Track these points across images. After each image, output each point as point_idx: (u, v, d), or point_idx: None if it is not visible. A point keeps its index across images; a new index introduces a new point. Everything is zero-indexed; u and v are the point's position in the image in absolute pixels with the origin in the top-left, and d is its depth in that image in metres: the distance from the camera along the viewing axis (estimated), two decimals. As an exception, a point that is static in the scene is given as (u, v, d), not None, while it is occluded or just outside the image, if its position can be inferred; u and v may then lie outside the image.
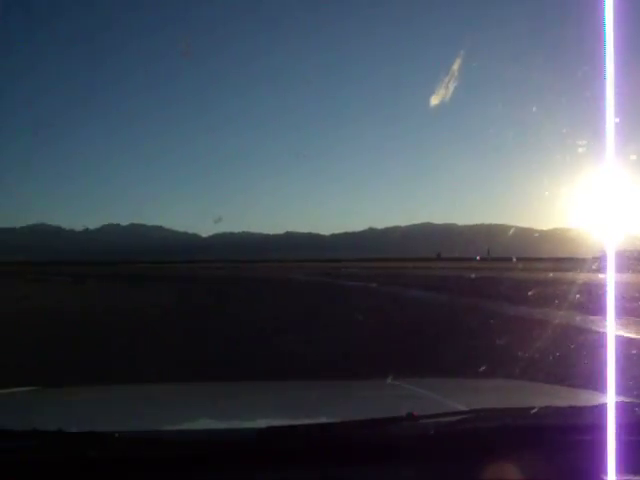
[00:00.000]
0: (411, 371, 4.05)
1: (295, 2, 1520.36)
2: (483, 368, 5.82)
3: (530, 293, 19.46)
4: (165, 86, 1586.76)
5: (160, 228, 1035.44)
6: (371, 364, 7.68)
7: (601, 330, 11.29)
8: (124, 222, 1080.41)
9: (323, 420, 1.73)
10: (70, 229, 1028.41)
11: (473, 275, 37.33)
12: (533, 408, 1.59)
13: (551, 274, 30.48)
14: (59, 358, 9.90)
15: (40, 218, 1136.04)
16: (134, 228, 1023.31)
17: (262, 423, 1.60)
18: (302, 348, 10.19)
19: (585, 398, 2.38)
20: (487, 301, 19.54)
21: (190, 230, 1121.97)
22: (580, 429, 1.57)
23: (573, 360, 8.03)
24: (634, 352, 8.88)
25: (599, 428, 1.52)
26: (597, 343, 9.36)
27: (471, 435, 1.52)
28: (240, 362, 9.22)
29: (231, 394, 2.67)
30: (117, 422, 1.94)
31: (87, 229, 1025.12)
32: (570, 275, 20.93)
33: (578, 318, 13.19)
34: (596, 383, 2.08)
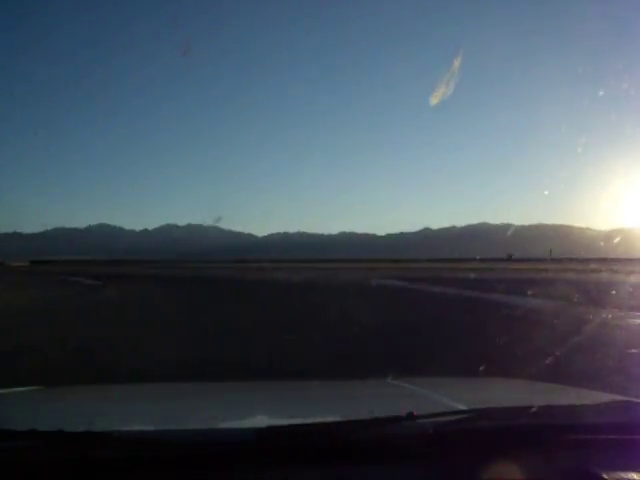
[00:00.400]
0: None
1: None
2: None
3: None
4: (218, 90, 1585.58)
5: (216, 228, 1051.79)
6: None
7: None
8: (181, 222, 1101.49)
9: (323, 420, 1.70)
10: (130, 229, 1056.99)
11: (584, 278, 32.21)
12: (533, 408, 1.58)
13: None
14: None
15: (102, 218, 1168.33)
16: (191, 228, 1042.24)
17: (262, 423, 1.58)
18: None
19: (585, 398, 2.30)
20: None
21: (246, 230, 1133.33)
22: (580, 429, 1.56)
23: None
24: None
25: (599, 428, 1.55)
26: None
27: (471, 435, 1.51)
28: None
29: (231, 394, 2.66)
30: (117, 422, 1.94)
31: (146, 229, 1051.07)
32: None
33: None
34: None
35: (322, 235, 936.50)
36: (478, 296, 23.11)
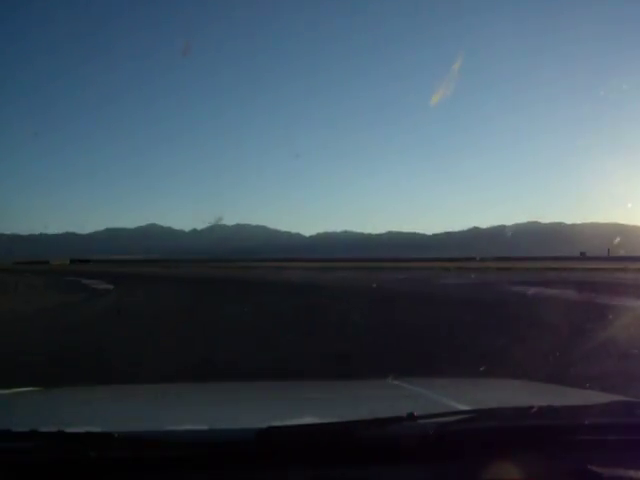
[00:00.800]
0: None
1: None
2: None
3: None
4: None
5: (264, 228, 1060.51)
6: None
7: None
8: (230, 222, 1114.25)
9: (323, 420, 1.69)
10: (180, 229, 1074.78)
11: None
12: (534, 408, 1.57)
13: None
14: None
15: (153, 219, 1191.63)
16: (239, 228, 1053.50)
17: (262, 423, 1.54)
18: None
19: (585, 398, 2.30)
20: None
21: (293, 230, 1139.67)
22: (580, 429, 1.56)
23: None
24: None
25: (599, 428, 1.54)
26: None
27: (471, 435, 1.51)
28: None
29: (231, 394, 2.65)
30: (117, 422, 1.94)
31: (195, 229, 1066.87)
32: None
33: None
34: None
35: (369, 234, 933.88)
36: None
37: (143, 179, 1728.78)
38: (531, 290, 23.17)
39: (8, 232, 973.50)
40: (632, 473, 1.44)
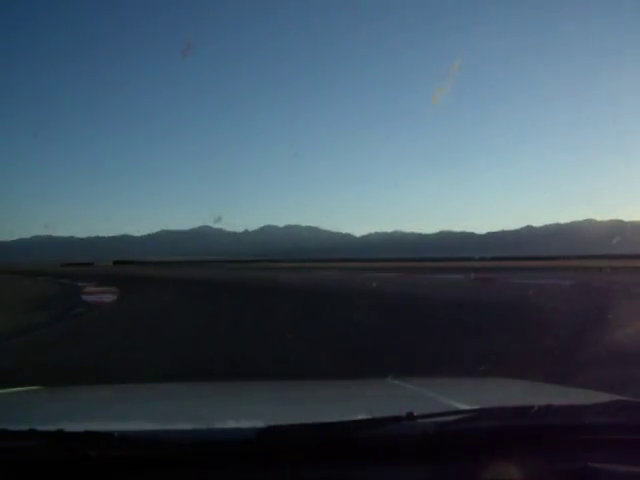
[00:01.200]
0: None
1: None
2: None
3: None
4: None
5: (315, 229, 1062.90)
6: None
7: None
8: (281, 224, 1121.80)
9: (323, 420, 1.66)
10: (232, 231, 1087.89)
11: None
12: (533, 408, 1.56)
13: None
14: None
15: (204, 221, 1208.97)
16: (290, 229, 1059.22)
17: (262, 423, 1.56)
18: None
19: (585, 398, 2.29)
20: None
21: (344, 230, 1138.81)
22: (580, 429, 1.56)
23: None
24: None
25: (599, 428, 1.54)
26: None
27: (471, 435, 1.51)
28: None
29: (231, 394, 2.65)
30: (117, 422, 1.94)
31: (247, 230, 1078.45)
32: None
33: None
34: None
35: (421, 234, 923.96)
36: None
37: (198, 182, 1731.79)
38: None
39: (65, 235, 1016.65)
40: (632, 473, 1.44)
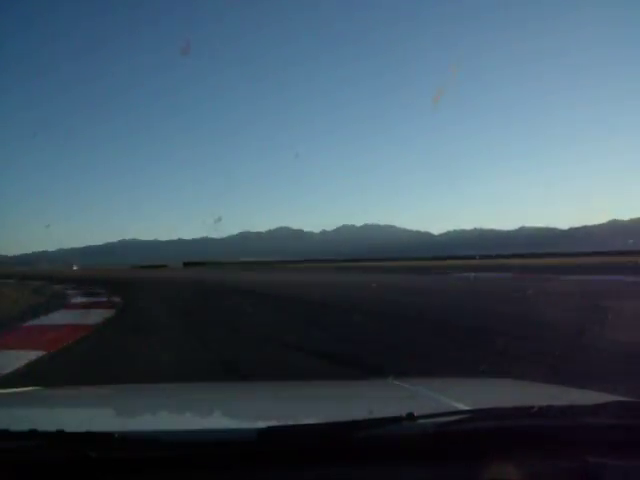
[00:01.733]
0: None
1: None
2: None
3: None
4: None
5: (393, 227, 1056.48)
6: None
7: None
8: (358, 223, 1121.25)
9: (324, 420, 1.68)
10: (309, 231, 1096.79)
11: None
12: (533, 408, 1.57)
13: None
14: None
15: (283, 222, 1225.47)
16: (367, 228, 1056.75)
17: (262, 423, 1.57)
18: None
19: (585, 398, 2.29)
20: None
21: (422, 229, 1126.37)
22: (580, 429, 1.56)
23: None
24: None
25: (599, 428, 1.54)
26: None
27: (471, 435, 1.51)
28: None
29: (231, 394, 2.66)
30: (117, 422, 1.96)
31: (324, 231, 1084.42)
32: None
33: None
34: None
35: (501, 231, 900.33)
36: None
37: (275, 184, 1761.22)
38: None
39: (146, 238, 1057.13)
40: (632, 473, 1.43)
